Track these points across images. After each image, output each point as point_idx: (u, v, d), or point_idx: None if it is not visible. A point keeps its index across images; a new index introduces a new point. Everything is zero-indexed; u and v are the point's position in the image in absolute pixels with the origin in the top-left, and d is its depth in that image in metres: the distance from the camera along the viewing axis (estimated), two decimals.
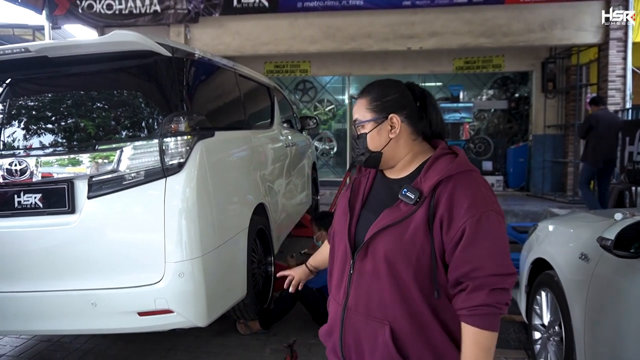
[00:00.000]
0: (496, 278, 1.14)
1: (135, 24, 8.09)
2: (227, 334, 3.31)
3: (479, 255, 1.14)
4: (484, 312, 1.13)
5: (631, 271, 1.85)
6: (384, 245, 1.21)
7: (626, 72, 7.53)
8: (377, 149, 1.29)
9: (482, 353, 1.13)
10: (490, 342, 1.14)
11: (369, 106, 1.30)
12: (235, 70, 3.55)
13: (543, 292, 2.65)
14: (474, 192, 1.18)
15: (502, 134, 10.14)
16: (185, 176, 2.39)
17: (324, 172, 10.64)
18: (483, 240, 1.14)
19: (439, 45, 8.03)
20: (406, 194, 1.21)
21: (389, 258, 1.20)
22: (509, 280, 1.16)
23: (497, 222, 1.17)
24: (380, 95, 1.30)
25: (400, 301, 1.20)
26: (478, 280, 1.13)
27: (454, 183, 1.18)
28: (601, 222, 2.45)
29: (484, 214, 1.15)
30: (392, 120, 1.28)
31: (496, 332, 1.15)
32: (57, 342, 3.30)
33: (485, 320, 1.13)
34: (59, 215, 2.43)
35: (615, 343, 1.86)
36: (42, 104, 2.66)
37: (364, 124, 1.30)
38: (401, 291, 1.20)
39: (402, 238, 1.19)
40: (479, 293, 1.13)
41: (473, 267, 1.14)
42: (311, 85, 10.67)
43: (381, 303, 1.22)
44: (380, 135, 1.28)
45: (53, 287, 2.42)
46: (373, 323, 1.23)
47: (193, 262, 2.37)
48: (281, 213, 4.06)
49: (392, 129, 1.28)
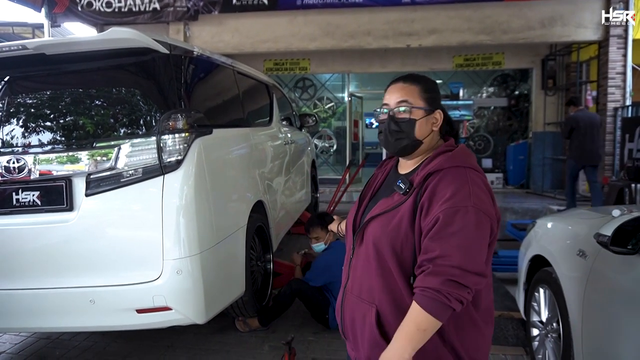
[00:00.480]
0: (458, 271, 1.14)
1: (135, 22, 8.08)
2: (225, 331, 3.31)
3: (447, 245, 1.15)
4: (433, 296, 1.14)
5: (628, 267, 1.85)
6: (374, 231, 1.28)
7: (626, 69, 7.52)
8: (421, 138, 1.32)
9: (418, 332, 1.16)
10: (427, 325, 1.16)
11: (423, 95, 1.32)
12: (234, 68, 3.55)
13: (541, 289, 2.65)
14: (458, 186, 1.19)
15: (502, 132, 10.14)
16: (183, 174, 2.39)
17: (324, 170, 10.65)
18: (456, 233, 1.16)
19: (439, 42, 8.02)
20: (399, 185, 1.27)
21: (376, 244, 1.27)
22: (471, 279, 1.16)
23: (476, 220, 1.17)
24: (432, 89, 1.35)
25: (384, 286, 1.25)
26: (439, 267, 1.15)
27: (442, 175, 1.22)
28: (599, 218, 2.45)
29: (462, 208, 1.17)
30: (436, 114, 1.34)
31: (438, 320, 1.16)
32: (56, 340, 3.30)
33: (430, 304, 1.15)
34: (57, 213, 2.43)
35: (612, 339, 1.86)
36: (40, 101, 2.66)
37: (415, 110, 1.31)
38: (386, 277, 1.25)
39: (388, 225, 1.25)
40: (435, 278, 1.15)
41: (440, 254, 1.16)
42: (311, 83, 10.66)
43: (370, 286, 1.29)
44: (427, 126, 1.33)
45: (51, 284, 2.42)
46: (363, 305, 1.30)
47: (191, 259, 2.37)
48: (280, 211, 4.06)
49: (435, 123, 1.34)
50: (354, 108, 10.80)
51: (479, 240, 1.18)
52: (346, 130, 10.62)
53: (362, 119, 11.35)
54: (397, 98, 1.33)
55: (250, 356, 2.98)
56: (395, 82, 1.38)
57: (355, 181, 7.61)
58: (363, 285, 1.31)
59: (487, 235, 1.21)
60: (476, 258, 1.17)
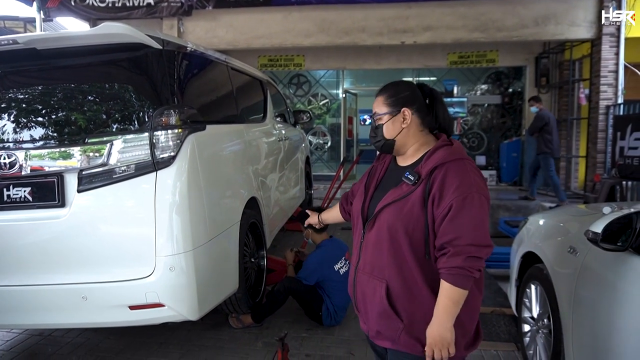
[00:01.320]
0: (473, 247, 1.38)
1: (129, 17, 8.02)
2: (219, 328, 3.32)
3: (461, 227, 1.38)
4: (459, 273, 1.38)
5: (618, 264, 1.87)
6: (388, 217, 1.48)
7: (618, 67, 7.57)
8: (391, 137, 1.56)
9: (452, 305, 1.40)
10: (459, 297, 1.40)
11: (386, 102, 1.57)
12: (228, 64, 3.53)
13: (532, 286, 2.67)
14: (462, 176, 1.42)
15: (496, 129, 10.17)
16: (176, 170, 2.38)
17: (318, 167, 10.64)
18: (465, 215, 1.38)
19: (433, 39, 8.02)
20: (407, 177, 1.48)
21: (390, 228, 1.47)
22: (484, 251, 1.40)
23: (479, 203, 1.41)
24: (395, 93, 1.57)
25: (395, 264, 1.47)
26: (458, 247, 1.38)
27: (447, 168, 1.43)
28: (590, 215, 2.48)
29: (469, 195, 1.39)
30: (404, 113, 1.54)
31: (466, 290, 1.40)
32: (49, 336, 3.29)
33: (458, 279, 1.38)
34: (48, 209, 2.41)
35: (601, 335, 1.89)
36: (32, 96, 2.63)
37: (381, 117, 1.57)
38: (397, 256, 1.47)
39: (402, 211, 1.46)
40: (457, 257, 1.37)
41: (455, 236, 1.38)
42: (305, 79, 10.64)
43: (381, 265, 1.50)
44: (394, 125, 1.55)
45: (43, 281, 2.41)
46: (374, 281, 1.52)
47: (184, 255, 2.37)
48: (274, 207, 4.06)
49: (404, 120, 1.54)
50: (349, 105, 10.79)
51: (483, 218, 1.41)
52: (340, 126, 10.61)
53: (357, 115, 11.33)
54: (373, 111, 1.61)
55: (243, 352, 2.98)
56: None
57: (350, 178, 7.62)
58: (374, 265, 1.52)
59: (488, 213, 1.45)
60: (482, 233, 1.40)
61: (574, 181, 8.86)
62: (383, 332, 1.52)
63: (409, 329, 1.46)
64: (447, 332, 1.40)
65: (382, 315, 1.49)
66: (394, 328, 1.48)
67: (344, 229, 5.70)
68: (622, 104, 7.36)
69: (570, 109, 8.67)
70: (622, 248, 1.84)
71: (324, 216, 2.07)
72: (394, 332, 1.48)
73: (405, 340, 1.47)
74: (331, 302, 3.26)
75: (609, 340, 1.83)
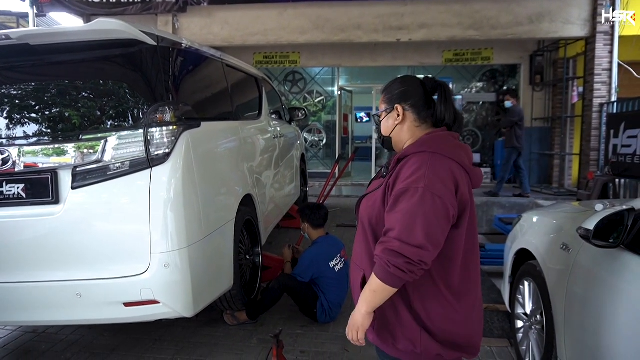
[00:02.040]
0: (397, 242, 1.33)
1: (123, 13, 7.98)
2: (214, 325, 3.32)
3: (394, 219, 1.36)
4: (378, 262, 1.37)
5: (609, 261, 1.89)
6: (362, 209, 1.55)
7: (612, 65, 7.62)
8: (387, 134, 1.59)
9: (370, 293, 1.40)
10: (376, 287, 1.38)
11: (383, 99, 1.59)
12: (223, 61, 3.52)
13: (526, 282, 2.70)
14: (416, 169, 1.38)
15: (490, 127, 10.20)
16: (171, 167, 2.38)
17: (313, 164, 10.64)
18: (401, 209, 1.35)
19: (429, 37, 8.04)
20: (383, 169, 1.55)
21: (362, 219, 1.53)
22: (410, 250, 1.31)
23: (420, 199, 1.33)
24: (390, 90, 1.58)
25: (367, 254, 1.50)
26: (385, 238, 1.37)
27: (409, 159, 1.43)
28: (583, 213, 2.50)
29: (411, 188, 1.35)
30: (397, 109, 1.54)
31: (385, 284, 1.35)
32: (43, 334, 3.28)
33: (377, 269, 1.37)
34: (42, 206, 2.40)
35: (592, 330, 1.91)
36: (25, 92, 2.62)
37: (380, 114, 1.60)
38: (367, 246, 1.50)
39: (369, 203, 1.52)
40: (379, 246, 1.37)
41: (389, 227, 1.38)
42: (301, 77, 10.62)
43: (360, 255, 1.55)
44: (389, 122, 1.57)
45: (37, 278, 2.40)
46: (357, 270, 1.55)
47: (179, 252, 2.37)
48: (269, 204, 4.06)
49: (398, 116, 1.54)
50: (344, 102, 10.79)
51: (422, 215, 1.32)
52: (336, 124, 10.61)
53: (352, 113, 11.34)
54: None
55: (238, 349, 2.99)
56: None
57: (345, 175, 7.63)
58: (356, 254, 1.57)
59: (441, 214, 1.34)
60: (415, 231, 1.31)
61: (567, 179, 8.92)
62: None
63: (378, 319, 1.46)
64: (358, 315, 1.42)
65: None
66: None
67: (339, 226, 5.71)
68: (616, 102, 7.42)
69: (564, 106, 8.72)
70: (614, 245, 1.86)
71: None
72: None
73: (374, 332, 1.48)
74: (326, 298, 3.27)
75: (600, 336, 1.85)
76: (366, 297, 1.41)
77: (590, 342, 1.93)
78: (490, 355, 2.88)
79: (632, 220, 1.84)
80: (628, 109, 6.88)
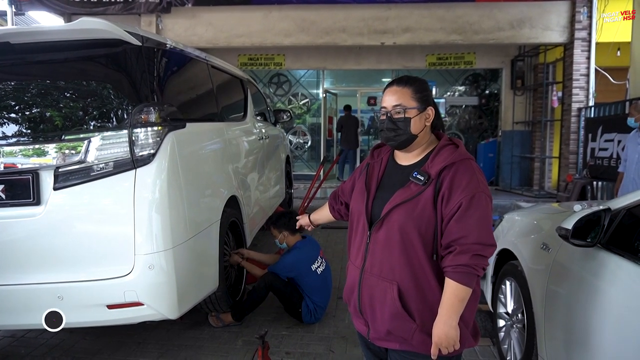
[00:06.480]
0: (479, 246, 1.40)
1: (105, 13, 7.87)
2: (199, 327, 3.30)
3: (468, 226, 1.40)
4: (465, 270, 1.40)
5: (587, 259, 1.94)
6: (398, 218, 1.47)
7: (590, 71, 7.82)
8: (416, 133, 1.54)
9: (458, 302, 1.42)
10: (464, 295, 1.42)
11: (414, 96, 1.53)
12: (208, 62, 3.51)
13: (507, 282, 2.75)
14: (470, 176, 1.45)
15: (473, 130, 10.37)
16: (155, 168, 2.36)
17: (298, 166, 10.65)
18: (472, 215, 1.41)
19: (412, 41, 8.13)
20: (416, 177, 1.48)
21: (402, 229, 1.46)
22: (489, 250, 1.43)
23: (485, 202, 1.45)
24: (423, 89, 1.56)
25: (408, 265, 1.47)
26: (465, 246, 1.40)
27: (456, 168, 1.46)
28: (562, 213, 2.56)
29: (476, 194, 1.42)
30: (429, 111, 1.55)
31: (471, 288, 1.42)
32: (22, 338, 3.21)
33: (464, 277, 1.40)
34: (23, 207, 2.36)
35: (571, 328, 1.96)
36: (5, 92, 2.57)
37: (409, 110, 1.52)
38: (409, 256, 1.47)
39: (413, 212, 1.46)
40: (463, 255, 1.39)
41: (462, 234, 1.40)
42: (285, 79, 10.63)
43: (391, 266, 1.49)
44: (420, 122, 1.54)
45: (17, 280, 2.35)
46: (384, 283, 1.50)
47: (164, 254, 2.35)
48: (254, 206, 4.05)
49: (427, 118, 1.55)
50: (329, 104, 10.83)
51: (488, 218, 1.45)
52: (320, 126, 10.65)
53: (337, 115, 11.39)
54: (393, 102, 1.54)
55: (223, 351, 2.97)
56: (390, 85, 1.58)
57: (330, 177, 7.65)
58: (383, 266, 1.50)
59: (492, 212, 1.48)
60: (488, 232, 1.43)
61: (547, 181, 9.11)
62: (395, 333, 1.50)
63: (422, 329, 1.47)
64: (453, 330, 1.41)
65: (396, 317, 1.48)
66: (407, 329, 1.48)
67: (324, 227, 5.72)
68: (593, 107, 7.61)
69: (544, 110, 8.91)
70: (591, 244, 1.91)
71: (314, 217, 2.00)
72: (407, 333, 1.48)
73: (418, 341, 1.47)
74: (311, 300, 3.28)
75: (579, 333, 1.90)
76: (455, 309, 1.42)
77: (569, 339, 1.98)
78: (473, 354, 2.92)
79: (608, 220, 1.90)
80: (605, 113, 7.07)
